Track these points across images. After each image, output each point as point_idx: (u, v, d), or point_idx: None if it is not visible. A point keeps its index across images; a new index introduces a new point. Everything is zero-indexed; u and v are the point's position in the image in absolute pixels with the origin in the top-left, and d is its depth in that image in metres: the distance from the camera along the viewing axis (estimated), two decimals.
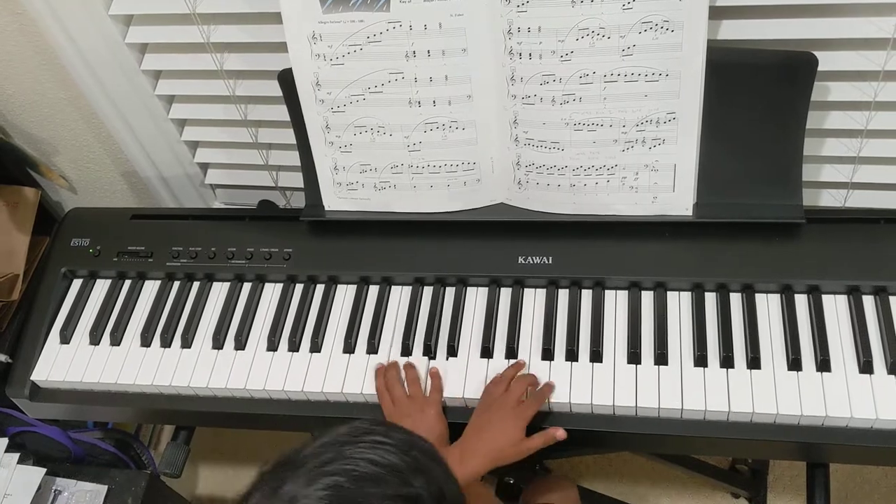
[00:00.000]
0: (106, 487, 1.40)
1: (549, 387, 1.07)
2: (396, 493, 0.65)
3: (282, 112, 1.18)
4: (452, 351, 1.13)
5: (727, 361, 1.05)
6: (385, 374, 1.12)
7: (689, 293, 1.12)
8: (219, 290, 1.26)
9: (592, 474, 1.81)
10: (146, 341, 1.23)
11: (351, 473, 0.64)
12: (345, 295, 1.22)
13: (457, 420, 1.10)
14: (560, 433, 1.04)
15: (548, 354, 1.10)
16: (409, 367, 1.12)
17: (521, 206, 1.17)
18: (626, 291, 1.14)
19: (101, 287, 1.30)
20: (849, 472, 1.73)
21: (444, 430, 1.08)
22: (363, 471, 0.65)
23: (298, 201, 1.32)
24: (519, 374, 1.09)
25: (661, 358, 1.07)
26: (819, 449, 1.06)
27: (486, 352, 1.12)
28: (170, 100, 1.37)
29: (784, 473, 1.75)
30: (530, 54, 1.02)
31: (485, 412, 1.06)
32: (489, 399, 1.07)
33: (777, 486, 1.74)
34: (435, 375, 1.11)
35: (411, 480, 0.66)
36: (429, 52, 1.05)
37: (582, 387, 1.07)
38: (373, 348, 1.16)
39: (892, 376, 1.02)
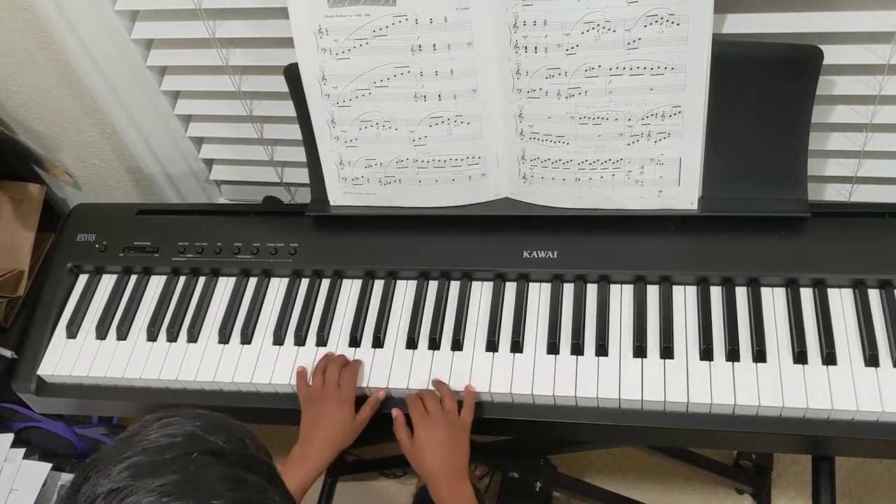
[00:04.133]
0: None
1: (358, 362, 1.13)
2: (195, 450, 0.64)
3: (287, 107, 1.18)
4: (457, 345, 1.14)
5: (733, 355, 1.05)
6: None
7: (695, 287, 1.12)
8: (225, 285, 1.26)
9: (596, 470, 1.81)
10: (152, 336, 1.23)
11: (146, 450, 0.64)
12: (350, 289, 1.22)
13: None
14: (381, 394, 1.11)
15: (553, 349, 1.11)
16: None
17: (526, 200, 1.17)
18: (632, 285, 1.14)
19: (108, 282, 1.30)
20: (852, 468, 1.73)
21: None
22: (160, 444, 0.65)
23: (304, 197, 1.33)
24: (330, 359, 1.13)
25: (666, 352, 1.07)
26: (824, 442, 1.06)
27: (492, 345, 1.12)
28: (175, 96, 1.37)
29: (788, 469, 1.75)
30: (535, 48, 1.03)
31: (310, 406, 1.10)
32: (311, 393, 1.11)
33: (781, 482, 1.74)
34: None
35: (208, 437, 0.66)
36: (434, 46, 1.05)
37: (587, 381, 1.07)
38: (378, 342, 1.16)
39: None
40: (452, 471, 1.05)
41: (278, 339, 1.19)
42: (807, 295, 1.09)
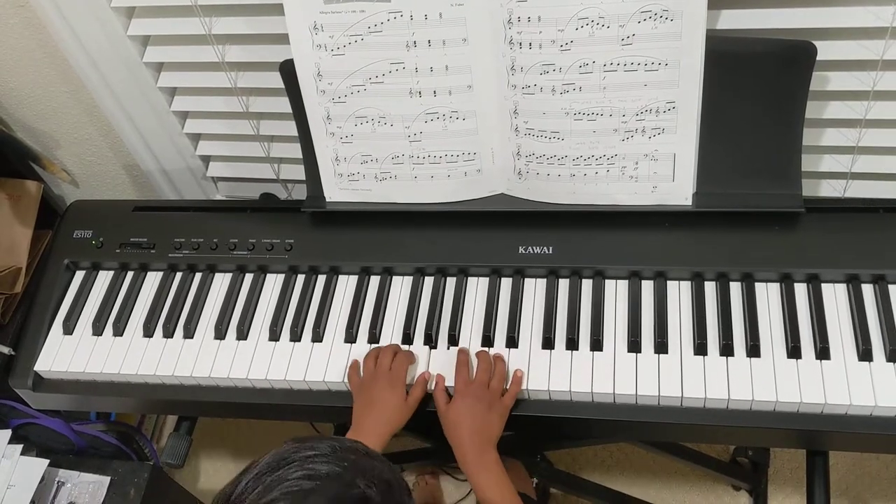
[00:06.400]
0: (109, 479, 1.41)
1: (410, 351, 1.13)
2: (341, 498, 0.64)
3: (283, 104, 1.19)
4: (453, 340, 1.14)
5: (727, 349, 1.06)
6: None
7: (689, 282, 1.12)
8: (221, 281, 1.26)
9: (593, 466, 1.82)
10: (149, 332, 1.23)
11: (291, 495, 0.64)
12: (346, 285, 1.22)
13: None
14: (427, 374, 1.11)
15: (548, 343, 1.11)
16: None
17: (522, 196, 1.18)
18: (627, 281, 1.14)
19: (104, 278, 1.31)
20: (849, 464, 1.73)
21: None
22: (304, 488, 0.64)
23: (300, 194, 1.33)
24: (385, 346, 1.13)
25: (661, 346, 1.07)
26: (818, 436, 1.06)
27: (488, 341, 1.13)
28: (171, 92, 1.37)
29: (784, 466, 1.76)
30: (530, 44, 1.03)
31: (362, 392, 1.09)
32: (363, 379, 1.11)
33: (777, 479, 1.75)
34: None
35: (355, 482, 0.66)
36: (429, 41, 1.05)
37: (582, 376, 1.08)
38: (374, 338, 1.16)
39: (891, 364, 1.02)
40: (482, 442, 1.03)
41: (274, 336, 1.19)
42: (801, 290, 1.10)
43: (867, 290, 1.08)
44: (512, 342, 1.12)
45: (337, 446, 0.70)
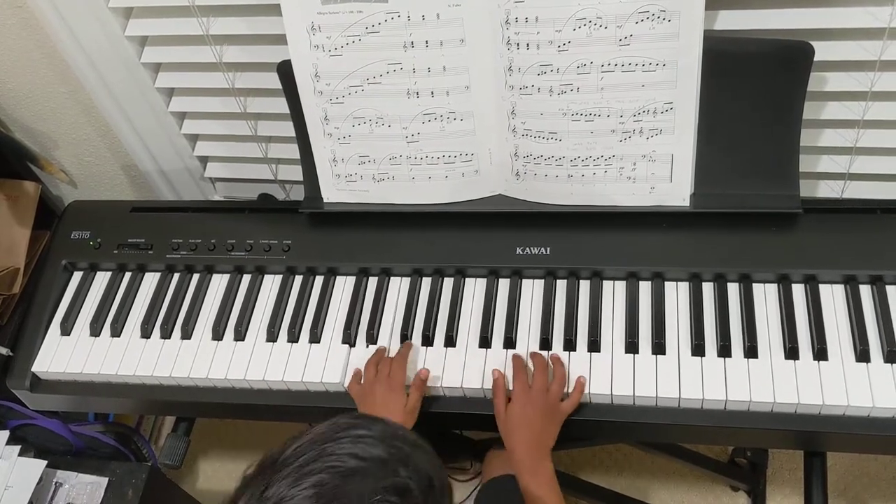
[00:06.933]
0: (107, 480, 1.41)
1: (407, 349, 1.12)
2: (383, 485, 0.64)
3: (281, 104, 1.19)
4: (451, 341, 1.14)
5: (724, 350, 1.06)
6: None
7: (687, 283, 1.12)
8: (218, 282, 1.26)
9: (592, 467, 1.82)
10: (146, 333, 1.23)
11: (336, 469, 0.64)
12: (344, 286, 1.22)
13: (451, 410, 1.11)
14: (423, 373, 1.09)
15: (545, 344, 1.11)
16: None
17: (519, 196, 1.18)
18: (624, 281, 1.14)
19: (102, 279, 1.30)
20: (847, 464, 1.73)
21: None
22: (347, 466, 0.64)
23: (298, 195, 1.33)
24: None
25: (658, 347, 1.07)
26: (816, 437, 1.06)
27: (485, 342, 1.13)
28: (169, 93, 1.37)
29: (783, 467, 1.76)
30: (528, 44, 1.03)
31: (363, 401, 1.09)
32: (362, 387, 1.10)
33: (776, 480, 1.75)
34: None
35: (398, 470, 0.66)
36: (427, 42, 1.05)
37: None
38: (372, 339, 1.16)
39: (889, 365, 1.02)
40: (538, 450, 1.02)
41: (272, 336, 1.19)
42: (798, 291, 1.10)
43: (865, 291, 1.08)
44: (509, 343, 1.12)
45: (389, 431, 0.70)
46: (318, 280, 1.23)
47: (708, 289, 1.11)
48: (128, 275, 1.30)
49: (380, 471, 0.65)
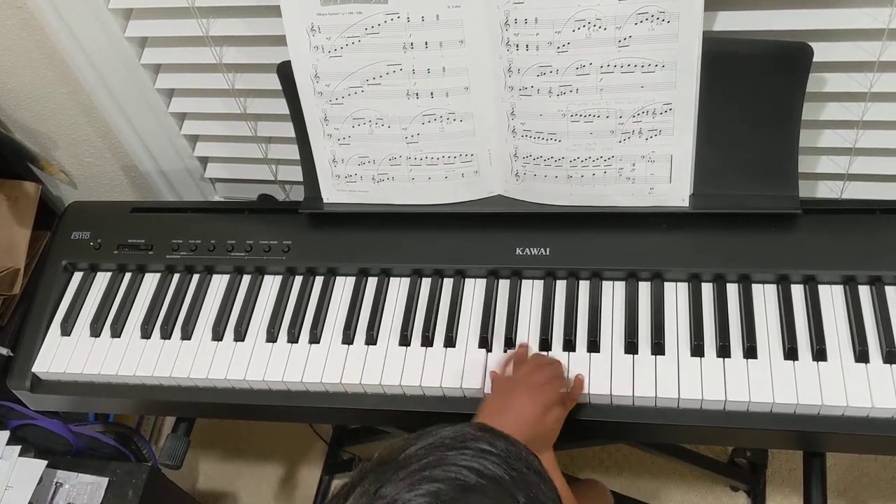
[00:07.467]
0: (107, 480, 1.41)
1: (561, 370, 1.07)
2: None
3: (281, 105, 1.19)
4: (450, 342, 1.14)
5: (724, 351, 1.06)
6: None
7: (686, 284, 1.12)
8: (218, 283, 1.27)
9: (592, 467, 1.82)
10: (146, 333, 1.23)
11: (453, 482, 0.62)
12: (343, 287, 1.22)
13: (451, 410, 1.11)
14: (580, 376, 1.06)
15: (545, 345, 1.11)
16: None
17: (519, 197, 1.18)
18: (624, 282, 1.14)
19: (102, 280, 1.31)
20: (847, 465, 1.74)
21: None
22: (466, 480, 0.62)
23: (298, 195, 1.33)
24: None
25: (658, 348, 1.07)
26: (816, 438, 1.06)
27: (484, 342, 1.13)
28: (169, 93, 1.37)
29: (782, 467, 1.76)
30: (527, 45, 1.03)
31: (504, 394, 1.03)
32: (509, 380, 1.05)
33: (775, 480, 1.75)
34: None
35: (514, 494, 0.63)
36: (426, 43, 1.06)
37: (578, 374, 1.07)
38: (371, 339, 1.16)
39: (888, 365, 1.02)
40: (533, 441, 0.95)
41: (271, 337, 1.19)
42: (797, 291, 1.10)
43: (864, 292, 1.08)
44: (509, 344, 1.12)
45: (513, 452, 0.67)
46: (318, 280, 1.24)
47: (707, 289, 1.11)
48: (128, 275, 1.30)
49: (497, 492, 0.63)
